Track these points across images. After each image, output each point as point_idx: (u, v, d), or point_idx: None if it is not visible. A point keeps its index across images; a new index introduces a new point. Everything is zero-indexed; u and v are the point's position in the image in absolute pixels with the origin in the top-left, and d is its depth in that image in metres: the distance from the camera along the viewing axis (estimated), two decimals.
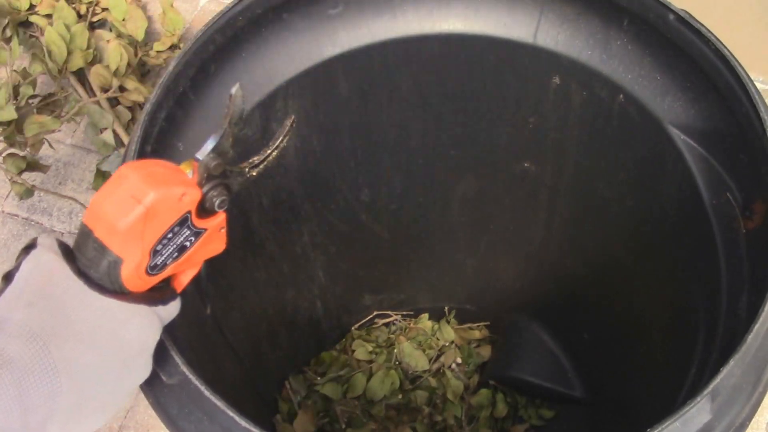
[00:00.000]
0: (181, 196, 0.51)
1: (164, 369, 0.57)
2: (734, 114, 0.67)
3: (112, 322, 0.50)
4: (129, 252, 0.50)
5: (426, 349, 1.24)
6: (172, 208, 0.51)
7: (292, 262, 1.03)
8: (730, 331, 0.65)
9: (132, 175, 0.50)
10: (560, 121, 0.85)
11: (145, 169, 0.51)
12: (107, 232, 0.50)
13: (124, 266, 0.51)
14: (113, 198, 0.49)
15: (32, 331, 0.47)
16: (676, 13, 0.68)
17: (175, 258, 0.54)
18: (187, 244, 0.54)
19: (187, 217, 0.53)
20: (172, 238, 0.53)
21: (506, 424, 1.19)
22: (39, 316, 0.48)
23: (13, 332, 0.46)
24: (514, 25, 0.77)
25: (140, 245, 0.51)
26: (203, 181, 0.54)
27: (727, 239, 0.69)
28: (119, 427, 1.23)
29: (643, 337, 0.93)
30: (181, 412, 0.57)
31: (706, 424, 0.53)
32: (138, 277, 0.52)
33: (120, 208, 0.49)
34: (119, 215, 0.49)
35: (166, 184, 0.50)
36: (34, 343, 0.46)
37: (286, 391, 1.18)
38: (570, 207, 0.97)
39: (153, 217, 0.50)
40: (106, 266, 0.50)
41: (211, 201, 0.54)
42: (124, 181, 0.50)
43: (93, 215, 0.50)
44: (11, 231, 1.43)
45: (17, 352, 0.46)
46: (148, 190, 0.49)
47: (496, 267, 1.16)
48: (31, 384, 0.46)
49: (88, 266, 0.51)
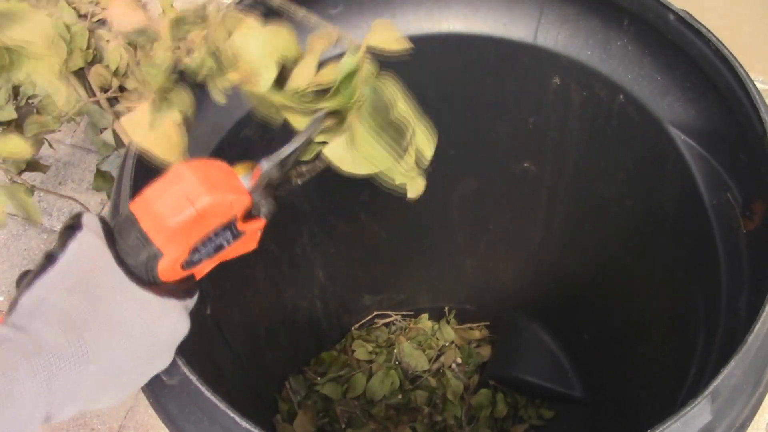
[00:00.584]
0: (232, 203, 0.52)
1: (165, 370, 0.57)
2: (734, 114, 0.67)
3: (148, 316, 0.51)
4: (171, 248, 0.51)
5: (426, 349, 1.24)
6: (221, 214, 0.52)
7: (291, 262, 1.03)
8: (731, 331, 0.65)
9: (188, 176, 0.50)
10: (560, 121, 0.85)
11: (202, 171, 0.51)
12: (155, 227, 0.50)
13: (163, 260, 0.51)
14: (167, 195, 0.50)
15: (70, 319, 0.47)
16: (676, 13, 0.68)
17: (210, 256, 0.54)
18: (225, 244, 0.55)
19: (233, 221, 0.54)
20: (214, 239, 0.53)
21: (506, 424, 1.19)
22: (78, 304, 0.48)
23: (51, 317, 0.47)
24: (513, 25, 0.77)
25: (184, 244, 0.52)
26: (257, 189, 0.55)
27: (727, 239, 0.69)
28: (119, 427, 1.23)
29: (643, 337, 0.93)
30: (181, 413, 0.57)
31: (706, 425, 0.53)
32: (173, 270, 0.53)
33: (173, 206, 0.50)
34: (171, 214, 0.50)
35: (221, 190, 0.51)
36: (69, 331, 0.47)
37: (286, 391, 1.18)
38: (570, 207, 0.97)
39: (203, 219, 0.51)
40: (145, 257, 0.51)
41: (259, 209, 0.55)
42: (181, 180, 0.50)
43: (142, 207, 0.51)
44: (11, 231, 1.43)
45: (52, 339, 0.46)
46: (203, 194, 0.50)
47: (496, 267, 1.16)
48: (61, 371, 0.46)
49: (126, 253, 0.51)
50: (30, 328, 0.46)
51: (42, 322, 0.46)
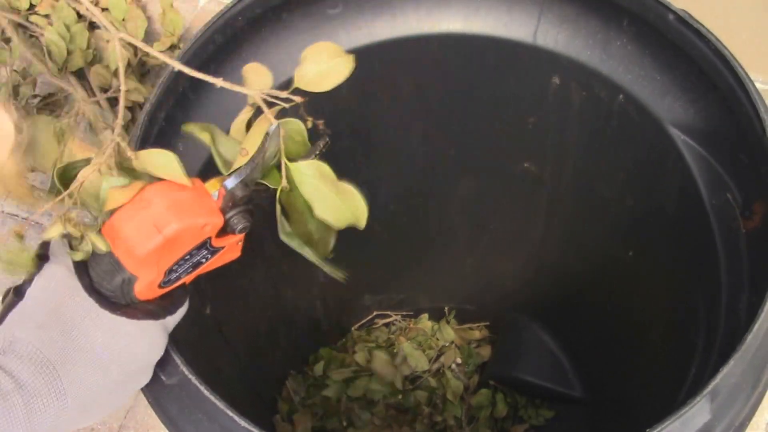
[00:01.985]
0: (203, 227, 0.51)
1: (164, 369, 0.57)
2: (734, 114, 0.67)
3: (122, 340, 0.50)
4: (145, 273, 0.51)
5: (426, 349, 1.24)
6: (192, 237, 0.51)
7: (291, 262, 1.02)
8: (731, 331, 0.65)
9: (156, 201, 0.49)
10: (560, 121, 0.85)
11: (169, 195, 0.50)
12: (125, 253, 0.50)
13: (138, 283, 0.51)
14: (134, 222, 0.49)
15: (43, 356, 0.47)
16: (676, 13, 0.68)
17: (188, 272, 0.54)
18: (203, 261, 0.54)
19: (207, 241, 0.53)
20: (189, 259, 0.53)
21: (506, 424, 1.18)
22: (50, 340, 0.48)
23: (24, 355, 0.47)
24: (513, 24, 0.77)
25: (156, 267, 0.51)
26: (227, 208, 0.54)
27: (726, 239, 0.69)
28: (119, 427, 1.23)
29: (643, 337, 0.93)
30: (180, 412, 0.57)
31: (705, 424, 0.53)
32: (150, 290, 0.52)
33: (140, 234, 0.49)
34: (138, 242, 0.49)
35: (189, 215, 0.50)
36: (44, 368, 0.47)
37: (286, 390, 1.18)
38: (570, 207, 0.97)
39: (173, 245, 0.50)
40: (119, 282, 0.51)
41: (234, 227, 0.54)
42: (148, 206, 0.49)
43: (112, 233, 0.50)
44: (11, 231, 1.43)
45: (27, 377, 0.46)
46: (170, 221, 0.49)
47: (496, 267, 1.16)
48: (39, 407, 0.46)
49: (101, 278, 0.51)
50: (5, 365, 0.46)
51: (16, 361, 0.46)
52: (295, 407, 1.17)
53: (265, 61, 0.75)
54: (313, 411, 1.17)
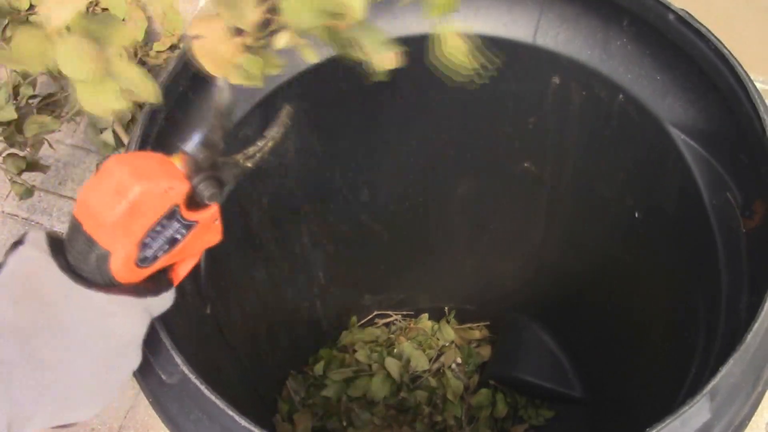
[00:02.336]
0: (167, 190, 0.51)
1: (164, 368, 0.57)
2: (734, 114, 0.67)
3: (98, 315, 0.50)
4: (116, 245, 0.50)
5: (426, 349, 1.24)
6: (158, 202, 0.51)
7: (291, 262, 1.03)
8: (730, 330, 0.65)
9: (117, 169, 0.50)
10: (560, 121, 0.85)
11: (131, 162, 0.50)
12: (94, 226, 0.50)
13: (113, 259, 0.51)
14: (98, 192, 0.49)
15: (18, 329, 0.47)
16: (676, 13, 0.68)
17: (166, 250, 0.53)
18: (178, 237, 0.54)
19: (176, 210, 0.52)
20: (161, 231, 0.52)
21: (506, 424, 1.19)
22: (24, 313, 0.48)
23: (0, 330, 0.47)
24: (513, 24, 0.77)
25: (127, 239, 0.50)
26: (192, 174, 0.53)
27: (726, 239, 0.69)
28: (119, 427, 1.23)
29: (643, 336, 0.93)
30: (180, 412, 0.57)
31: (705, 424, 0.53)
32: (128, 269, 0.52)
33: (105, 202, 0.49)
34: (104, 210, 0.49)
35: (151, 178, 0.50)
36: (19, 340, 0.47)
37: (286, 391, 1.18)
38: (570, 207, 0.97)
39: (138, 210, 0.50)
40: (94, 259, 0.50)
41: (201, 194, 0.53)
42: (109, 175, 0.50)
43: (81, 209, 0.50)
44: (11, 231, 1.43)
45: (3, 349, 0.46)
46: (132, 185, 0.49)
47: (496, 267, 1.16)
48: (17, 380, 0.46)
49: (78, 260, 0.51)
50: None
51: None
52: (295, 407, 1.17)
53: None
54: (313, 411, 1.17)
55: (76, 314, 0.49)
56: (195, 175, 0.53)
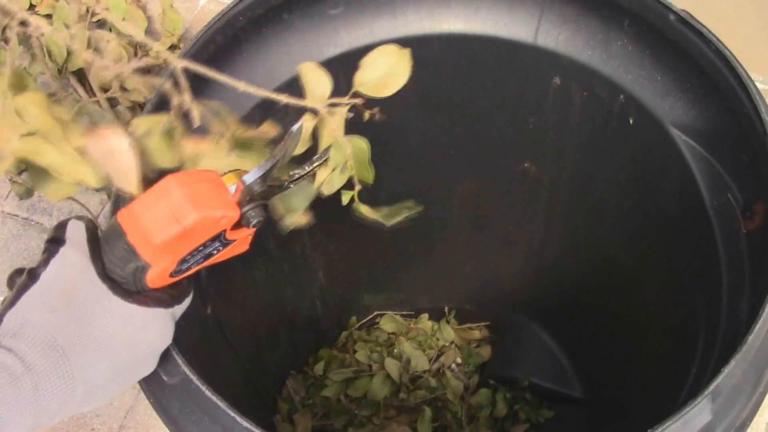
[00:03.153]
0: (220, 219, 0.52)
1: (165, 369, 0.57)
2: (735, 114, 0.67)
3: (132, 329, 0.51)
4: (159, 261, 0.51)
5: (426, 349, 1.24)
6: (209, 229, 0.52)
7: (292, 262, 1.03)
8: (731, 331, 0.65)
9: (176, 191, 0.49)
10: (560, 122, 0.85)
11: (190, 185, 0.50)
12: (141, 241, 0.50)
13: (151, 271, 0.51)
14: (153, 211, 0.49)
15: (54, 340, 0.47)
16: (677, 13, 0.68)
17: (200, 263, 0.54)
18: (215, 252, 0.55)
19: (222, 233, 0.53)
20: (203, 250, 0.53)
21: (506, 424, 1.19)
22: (61, 325, 0.48)
23: (35, 339, 0.47)
24: (514, 25, 0.77)
25: (172, 257, 0.51)
26: (244, 202, 0.54)
27: (727, 240, 0.69)
28: (119, 427, 1.23)
29: (643, 337, 0.93)
30: (182, 412, 0.57)
31: (706, 425, 0.53)
32: (161, 279, 0.52)
33: (158, 223, 0.49)
34: (156, 231, 0.49)
35: (208, 207, 0.50)
36: (54, 352, 0.47)
37: (286, 391, 1.18)
38: (570, 207, 0.97)
39: (190, 235, 0.51)
40: (132, 269, 0.51)
41: (249, 221, 0.55)
42: (167, 195, 0.49)
43: (129, 220, 0.50)
44: (11, 231, 1.43)
45: (37, 360, 0.47)
46: (189, 211, 0.49)
47: (496, 267, 1.16)
48: (47, 390, 0.47)
49: (114, 264, 0.51)
50: (16, 348, 0.46)
51: (26, 344, 0.47)
52: (295, 407, 1.17)
53: (266, 62, 0.75)
54: (314, 411, 1.17)
55: (111, 326, 0.50)
56: (245, 203, 0.54)
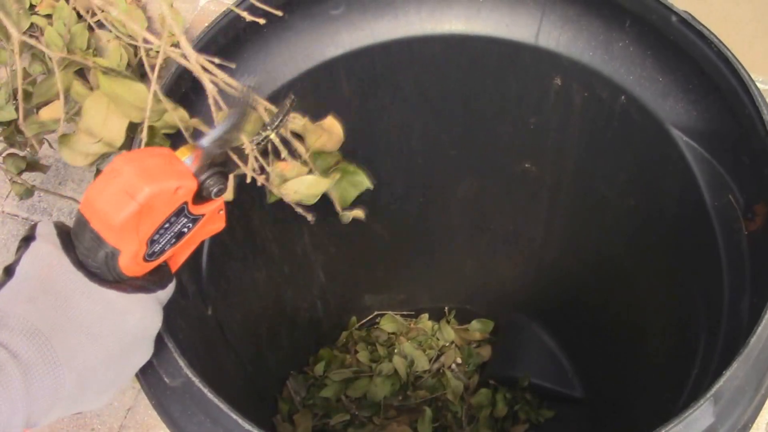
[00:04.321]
0: (176, 190, 0.51)
1: (167, 371, 0.57)
2: (736, 115, 0.67)
3: (114, 313, 0.51)
4: (125, 244, 0.50)
5: (426, 349, 1.24)
6: (167, 202, 0.51)
7: (292, 263, 1.03)
8: (732, 333, 0.65)
9: (125, 169, 0.49)
10: (561, 122, 0.85)
11: (139, 161, 0.50)
12: (102, 226, 0.49)
13: (122, 256, 0.51)
14: (106, 193, 0.49)
15: (34, 327, 0.47)
16: (678, 14, 0.68)
17: (173, 244, 0.54)
18: (185, 230, 0.54)
19: (184, 207, 0.52)
20: (169, 227, 0.52)
21: (506, 424, 1.19)
22: (40, 312, 0.48)
23: (15, 327, 0.47)
24: (515, 25, 0.77)
25: (136, 237, 0.50)
26: (202, 170, 0.53)
27: (728, 241, 0.69)
28: (119, 427, 1.23)
29: (644, 338, 0.93)
30: (183, 414, 0.57)
31: (708, 427, 0.53)
32: (136, 264, 0.52)
33: (113, 203, 0.48)
34: (113, 211, 0.48)
35: (160, 179, 0.49)
36: (36, 338, 0.47)
37: (286, 391, 1.18)
38: (570, 208, 0.97)
39: (148, 211, 0.50)
40: (103, 256, 0.50)
41: (208, 190, 0.53)
42: (117, 174, 0.49)
43: (88, 207, 0.50)
44: (11, 231, 1.43)
45: (21, 348, 0.46)
46: (142, 186, 0.48)
47: (496, 267, 1.16)
48: (35, 377, 0.47)
49: (86, 255, 0.51)
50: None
51: (8, 333, 0.47)
52: (296, 407, 1.17)
53: (267, 62, 0.75)
54: (314, 411, 1.17)
55: (92, 312, 0.50)
56: (202, 171, 0.53)
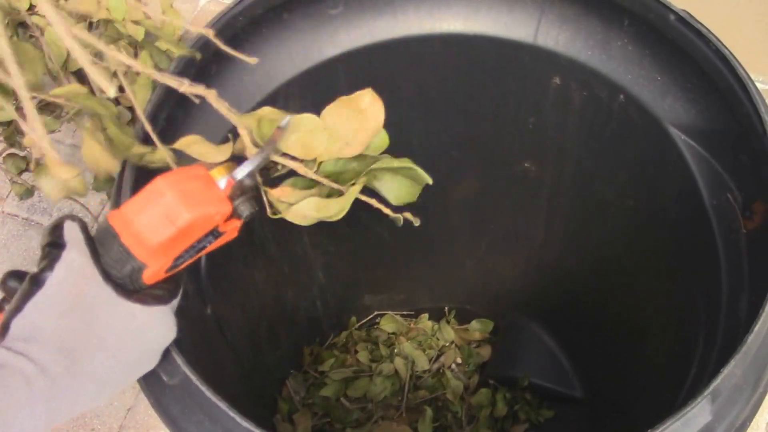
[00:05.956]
0: (213, 215, 0.53)
1: (166, 369, 0.57)
2: (735, 114, 0.67)
3: (136, 326, 0.52)
4: (155, 261, 0.52)
5: (426, 349, 1.24)
6: (203, 226, 0.53)
7: (292, 263, 1.03)
8: (731, 331, 0.66)
9: (168, 193, 0.50)
10: (560, 122, 0.85)
11: (180, 185, 0.51)
12: (135, 243, 0.51)
13: (147, 270, 0.52)
14: (147, 214, 0.50)
15: (64, 342, 0.49)
16: (677, 13, 0.68)
17: (192, 256, 0.55)
18: (207, 245, 0.55)
19: (215, 228, 0.54)
20: (197, 244, 0.54)
21: (506, 424, 1.19)
22: (71, 329, 0.49)
23: (45, 342, 0.48)
24: (514, 25, 0.77)
25: (167, 256, 0.52)
26: (235, 196, 0.55)
27: (727, 239, 0.69)
28: (119, 427, 1.23)
29: (643, 337, 0.93)
30: (182, 413, 0.57)
31: (706, 425, 0.53)
32: (158, 276, 0.53)
33: (152, 226, 0.50)
34: (150, 233, 0.50)
35: (201, 206, 0.51)
36: (65, 354, 0.48)
37: (286, 390, 1.18)
38: (570, 207, 0.97)
39: (184, 234, 0.51)
40: (129, 270, 0.52)
41: (241, 213, 0.56)
42: (158, 196, 0.50)
43: (122, 222, 0.50)
44: (11, 231, 1.43)
45: (50, 363, 0.48)
46: (182, 212, 0.50)
47: (496, 267, 1.16)
48: (59, 391, 0.48)
49: (110, 265, 0.51)
50: (28, 353, 0.47)
51: (38, 348, 0.48)
52: (295, 407, 1.17)
53: (266, 62, 0.75)
54: (314, 411, 1.17)
55: (117, 327, 0.51)
56: (236, 197, 0.55)
